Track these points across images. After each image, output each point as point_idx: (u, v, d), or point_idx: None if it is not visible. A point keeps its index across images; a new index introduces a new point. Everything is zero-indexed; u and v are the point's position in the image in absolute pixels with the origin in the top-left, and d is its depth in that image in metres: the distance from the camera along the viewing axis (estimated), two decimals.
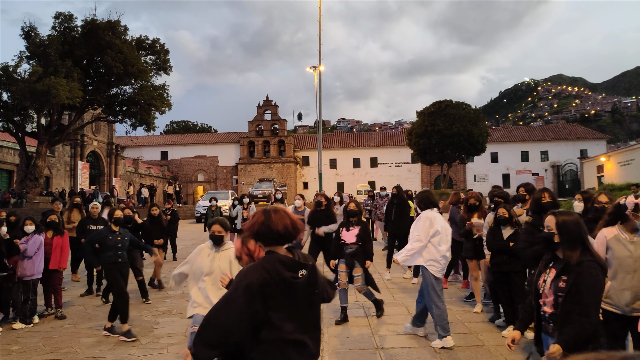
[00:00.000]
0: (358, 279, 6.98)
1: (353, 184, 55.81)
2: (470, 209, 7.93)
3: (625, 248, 3.92)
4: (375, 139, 64.16)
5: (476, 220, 7.74)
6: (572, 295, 3.03)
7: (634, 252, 3.88)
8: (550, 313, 3.19)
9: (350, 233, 7.16)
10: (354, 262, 7.02)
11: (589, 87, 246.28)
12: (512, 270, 6.11)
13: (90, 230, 10.15)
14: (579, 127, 65.63)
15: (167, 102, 31.38)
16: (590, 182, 44.63)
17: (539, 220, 5.33)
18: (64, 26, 28.12)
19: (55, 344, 6.44)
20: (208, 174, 59.47)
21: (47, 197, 27.75)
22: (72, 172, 37.48)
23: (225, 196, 31.07)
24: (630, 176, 36.12)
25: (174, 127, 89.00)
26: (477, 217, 7.79)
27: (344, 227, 7.31)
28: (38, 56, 26.60)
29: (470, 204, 7.96)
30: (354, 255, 7.02)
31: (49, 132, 28.58)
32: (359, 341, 6.16)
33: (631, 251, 3.89)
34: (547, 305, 3.21)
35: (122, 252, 6.96)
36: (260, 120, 59.10)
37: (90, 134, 39.47)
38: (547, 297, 3.21)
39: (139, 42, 30.61)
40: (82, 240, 10.16)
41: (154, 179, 51.79)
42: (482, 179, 56.71)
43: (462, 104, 43.19)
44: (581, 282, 3.03)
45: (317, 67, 36.57)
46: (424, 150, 42.20)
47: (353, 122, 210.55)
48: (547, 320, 3.21)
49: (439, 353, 5.64)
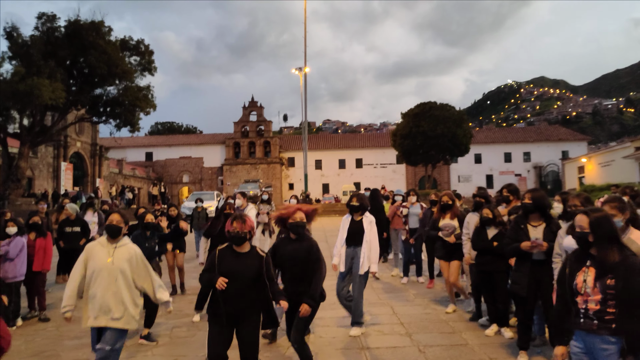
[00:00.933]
0: None
1: (338, 184, 55.95)
2: (443, 208, 7.77)
3: None
4: (360, 140, 64.38)
5: (447, 221, 7.64)
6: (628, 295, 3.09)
7: None
8: (595, 310, 3.22)
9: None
10: None
11: (571, 89, 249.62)
12: (495, 270, 6.21)
13: (67, 233, 9.93)
14: (561, 128, 66.52)
15: (151, 103, 31.14)
16: (572, 183, 45.23)
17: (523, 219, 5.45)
18: (47, 26, 27.74)
19: (39, 347, 6.39)
20: (193, 175, 59.19)
21: (29, 199, 27.39)
22: (55, 173, 37.03)
23: (210, 197, 30.98)
24: (611, 177, 36.67)
25: (158, 128, 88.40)
26: (450, 218, 7.68)
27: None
28: (21, 56, 26.24)
29: (444, 203, 7.76)
30: None
31: (32, 132, 28.20)
32: (345, 341, 6.21)
33: None
34: (592, 303, 3.24)
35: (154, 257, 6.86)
36: (246, 122, 58.98)
37: (73, 135, 39.03)
38: (589, 295, 3.25)
39: (123, 43, 30.34)
40: (61, 243, 9.97)
41: (138, 180, 51.39)
42: (466, 179, 57.16)
43: (446, 105, 43.46)
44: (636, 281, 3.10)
45: (303, 68, 36.66)
46: (409, 151, 42.39)
47: (338, 124, 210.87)
48: (591, 318, 3.23)
49: (422, 352, 5.71)
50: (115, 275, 4.52)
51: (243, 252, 4.32)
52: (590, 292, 3.24)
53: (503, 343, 5.94)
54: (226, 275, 4.14)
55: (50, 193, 32.16)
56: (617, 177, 33.90)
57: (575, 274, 3.36)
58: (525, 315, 5.35)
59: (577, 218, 3.41)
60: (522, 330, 5.39)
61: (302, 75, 36.65)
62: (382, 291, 9.29)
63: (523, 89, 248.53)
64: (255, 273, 4.22)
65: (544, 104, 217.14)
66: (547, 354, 5.47)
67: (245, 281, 4.17)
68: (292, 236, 4.93)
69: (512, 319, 6.56)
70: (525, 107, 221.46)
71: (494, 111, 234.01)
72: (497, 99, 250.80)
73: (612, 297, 3.15)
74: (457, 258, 7.46)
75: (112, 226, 4.64)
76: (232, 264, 4.22)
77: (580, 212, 3.44)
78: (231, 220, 4.34)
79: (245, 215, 4.41)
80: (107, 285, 4.48)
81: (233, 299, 4.13)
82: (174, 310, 8.22)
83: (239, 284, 4.15)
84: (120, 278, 4.54)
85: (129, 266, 4.60)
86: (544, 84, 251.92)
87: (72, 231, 9.91)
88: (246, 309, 4.20)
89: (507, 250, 5.48)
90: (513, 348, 5.63)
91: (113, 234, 4.65)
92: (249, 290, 4.19)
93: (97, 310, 4.45)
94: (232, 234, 4.27)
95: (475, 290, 7.08)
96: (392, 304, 8.14)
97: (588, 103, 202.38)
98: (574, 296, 3.34)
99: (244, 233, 4.27)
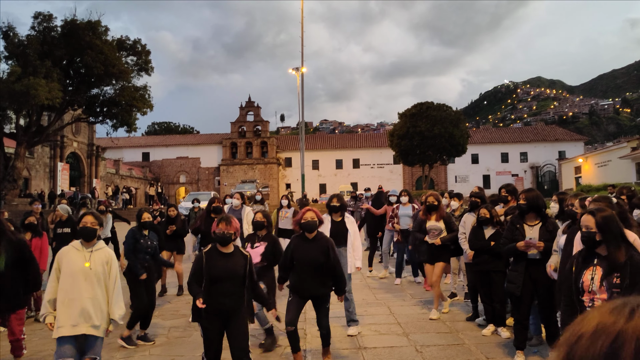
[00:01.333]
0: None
1: (335, 185, 55.92)
2: (429, 209, 7.48)
3: None
4: (357, 140, 64.40)
5: (433, 223, 7.36)
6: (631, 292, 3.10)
7: None
8: None
9: (255, 251, 6.09)
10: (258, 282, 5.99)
11: (567, 89, 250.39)
12: (492, 270, 6.22)
13: (58, 234, 9.88)
14: (557, 128, 66.66)
15: (148, 103, 31.12)
16: (569, 183, 45.34)
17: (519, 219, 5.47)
18: (43, 26, 27.69)
19: (35, 347, 6.37)
20: (190, 175, 59.12)
21: (25, 199, 27.33)
22: (52, 174, 36.95)
23: (207, 197, 30.90)
24: (607, 177, 36.77)
25: (155, 128, 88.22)
26: (435, 220, 7.38)
27: (248, 243, 6.30)
28: (17, 56, 26.19)
29: (429, 204, 7.47)
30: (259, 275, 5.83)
31: (28, 133, 28.15)
32: (342, 341, 6.22)
33: None
34: (599, 301, 3.28)
35: (150, 257, 6.62)
36: (243, 122, 58.95)
37: (70, 135, 38.94)
38: (595, 293, 3.30)
39: (120, 43, 30.31)
40: (54, 243, 9.90)
41: (135, 181, 51.32)
42: (463, 179, 57.22)
43: (443, 105, 43.52)
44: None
45: (300, 68, 36.65)
46: (406, 151, 42.43)
47: (335, 124, 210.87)
48: None
49: (419, 352, 5.72)
50: (94, 280, 4.32)
51: (228, 252, 4.54)
52: (596, 290, 3.28)
53: (500, 343, 5.95)
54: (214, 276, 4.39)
55: (46, 193, 32.10)
56: (614, 177, 33.99)
57: (582, 273, 3.39)
58: (521, 315, 5.35)
59: (583, 218, 3.44)
60: (518, 329, 5.39)
61: (299, 75, 36.67)
62: (379, 291, 9.30)
63: (520, 89, 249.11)
64: (242, 272, 4.48)
65: (540, 104, 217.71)
66: (543, 354, 5.48)
67: (232, 280, 4.43)
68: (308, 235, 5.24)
69: (509, 319, 6.58)
70: (522, 107, 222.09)
71: (490, 111, 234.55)
72: (494, 99, 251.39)
73: (617, 295, 3.18)
74: (442, 260, 7.30)
75: (86, 228, 4.42)
76: (219, 264, 4.44)
77: (586, 213, 3.47)
78: (217, 222, 4.56)
79: (230, 217, 4.69)
80: (85, 291, 4.27)
81: (221, 297, 4.38)
82: (171, 310, 8.25)
83: (226, 283, 4.40)
84: (97, 283, 4.35)
85: (103, 271, 4.40)
86: (540, 84, 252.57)
87: (63, 232, 9.87)
88: (234, 305, 4.44)
89: (504, 250, 5.51)
90: (510, 348, 5.64)
91: (87, 236, 4.43)
92: (235, 288, 4.45)
93: (76, 317, 4.22)
94: (218, 234, 4.49)
95: (472, 289, 7.09)
96: (389, 304, 8.15)
97: (585, 103, 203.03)
98: (580, 295, 3.36)
99: (230, 234, 4.50)
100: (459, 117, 43.73)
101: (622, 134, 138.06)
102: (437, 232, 7.26)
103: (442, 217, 7.42)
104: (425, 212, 7.53)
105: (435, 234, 7.25)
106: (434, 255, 7.32)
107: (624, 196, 6.09)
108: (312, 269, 5.16)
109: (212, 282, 4.40)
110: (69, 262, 4.33)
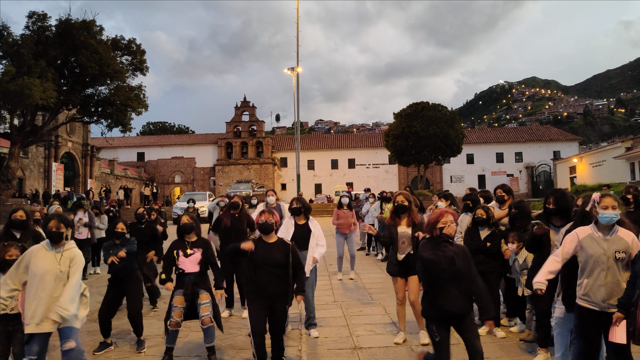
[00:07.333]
0: (205, 307, 5.45)
1: (331, 185, 56.01)
2: (397, 211, 6.03)
3: (599, 246, 4.06)
4: (352, 140, 64.45)
5: (403, 228, 5.97)
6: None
7: (607, 249, 4.04)
8: None
9: (190, 260, 5.63)
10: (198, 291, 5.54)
11: (562, 89, 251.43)
12: (488, 270, 6.22)
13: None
14: (552, 129, 66.94)
15: (143, 103, 31.00)
16: (563, 183, 45.49)
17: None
18: (37, 25, 27.53)
19: None
20: (185, 175, 59.03)
21: (20, 199, 27.21)
22: (46, 174, 36.81)
23: (202, 197, 30.93)
24: (602, 177, 36.94)
25: (150, 128, 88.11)
26: (406, 225, 5.98)
27: (179, 251, 5.69)
28: (11, 56, 26.04)
29: (398, 204, 5.99)
30: (196, 283, 5.56)
31: (22, 132, 28.01)
32: (337, 341, 6.21)
33: (604, 249, 4.04)
34: None
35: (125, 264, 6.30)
36: (238, 122, 58.94)
37: (64, 135, 38.81)
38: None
39: (114, 43, 30.19)
40: None
41: (130, 181, 51.17)
42: (458, 179, 57.39)
43: (438, 105, 43.57)
44: None
45: (295, 68, 36.62)
46: (401, 151, 42.46)
47: (331, 124, 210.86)
48: None
49: (415, 352, 5.72)
50: (63, 280, 4.35)
51: (271, 241, 5.12)
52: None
53: (495, 342, 5.97)
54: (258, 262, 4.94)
55: (41, 193, 31.96)
56: (608, 177, 34.15)
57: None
58: (541, 313, 5.25)
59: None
60: (539, 327, 5.33)
61: (295, 75, 36.64)
62: (374, 291, 9.30)
63: (515, 89, 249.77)
64: (283, 260, 4.99)
65: (535, 104, 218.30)
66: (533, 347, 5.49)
67: (273, 267, 4.95)
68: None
69: (503, 319, 6.60)
70: (516, 107, 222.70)
71: (485, 111, 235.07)
72: (489, 100, 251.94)
73: None
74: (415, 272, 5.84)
75: (52, 232, 4.47)
76: (262, 252, 4.98)
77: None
78: (261, 213, 5.22)
79: (272, 210, 5.42)
80: (52, 291, 4.31)
81: (266, 283, 4.92)
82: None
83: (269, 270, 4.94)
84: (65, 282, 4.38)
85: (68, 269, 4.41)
86: (535, 85, 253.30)
87: None
88: (278, 289, 4.95)
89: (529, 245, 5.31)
90: (505, 347, 5.66)
91: (53, 239, 4.47)
92: (278, 274, 4.96)
93: (39, 317, 4.23)
94: (261, 224, 5.11)
95: None
96: (385, 304, 8.15)
97: (579, 103, 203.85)
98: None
99: (271, 223, 5.12)
100: (454, 117, 43.79)
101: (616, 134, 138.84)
102: (407, 241, 5.92)
103: (413, 222, 5.98)
104: (393, 216, 6.10)
105: (405, 244, 5.92)
106: (405, 267, 5.95)
107: (631, 195, 6.07)
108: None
109: (256, 269, 4.92)
110: (37, 262, 4.35)
